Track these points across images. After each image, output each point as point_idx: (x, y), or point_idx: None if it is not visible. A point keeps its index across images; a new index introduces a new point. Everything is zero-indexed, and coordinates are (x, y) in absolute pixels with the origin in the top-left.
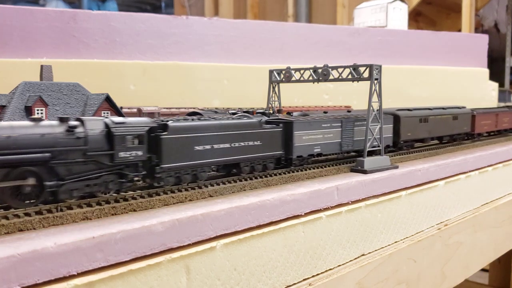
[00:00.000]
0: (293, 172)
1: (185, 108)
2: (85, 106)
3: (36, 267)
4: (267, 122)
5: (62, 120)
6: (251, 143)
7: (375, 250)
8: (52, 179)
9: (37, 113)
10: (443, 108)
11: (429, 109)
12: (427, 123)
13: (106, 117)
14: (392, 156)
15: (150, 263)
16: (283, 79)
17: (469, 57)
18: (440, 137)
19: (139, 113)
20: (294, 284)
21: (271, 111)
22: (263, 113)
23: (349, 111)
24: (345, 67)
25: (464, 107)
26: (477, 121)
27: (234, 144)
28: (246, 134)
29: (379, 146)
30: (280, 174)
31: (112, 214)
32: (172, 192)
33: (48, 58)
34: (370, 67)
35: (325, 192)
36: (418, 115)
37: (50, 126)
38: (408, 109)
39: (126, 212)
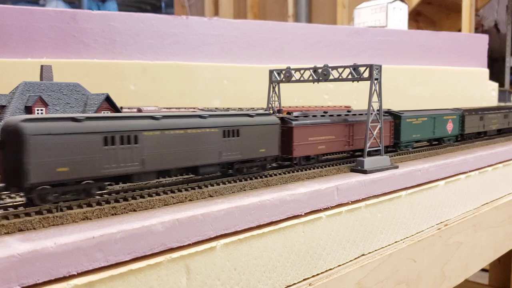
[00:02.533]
0: (293, 172)
1: (185, 108)
2: (85, 106)
3: (36, 267)
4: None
5: None
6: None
7: (375, 250)
8: None
9: (37, 113)
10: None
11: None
12: None
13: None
14: (392, 156)
15: (150, 263)
16: (283, 79)
17: (469, 57)
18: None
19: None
20: (294, 284)
21: (271, 111)
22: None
23: (349, 111)
24: (345, 67)
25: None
26: (295, 138)
27: None
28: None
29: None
30: (280, 174)
31: (112, 214)
32: (172, 192)
33: (48, 58)
34: (370, 67)
35: (325, 192)
36: None
37: None
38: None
39: (126, 212)
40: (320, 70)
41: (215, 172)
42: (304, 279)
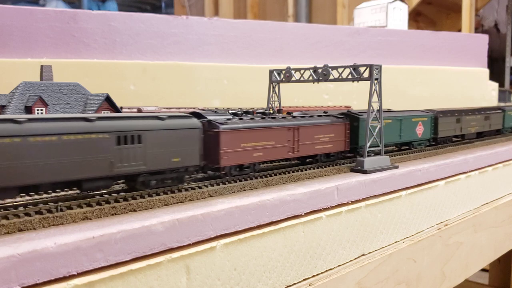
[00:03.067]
0: (293, 172)
1: (185, 108)
2: (85, 106)
3: (36, 267)
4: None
5: None
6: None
7: (375, 250)
8: None
9: (37, 113)
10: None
11: None
12: None
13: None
14: (392, 156)
15: (150, 263)
16: (283, 79)
17: (469, 57)
18: None
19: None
20: (294, 284)
21: (271, 111)
22: (263, 113)
23: (349, 111)
24: (345, 67)
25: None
26: (223, 144)
27: None
28: None
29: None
30: (280, 174)
31: (112, 214)
32: (172, 192)
33: (48, 58)
34: (370, 67)
35: (325, 192)
36: None
37: None
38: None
39: (126, 212)
40: (320, 70)
41: (107, 187)
42: (304, 279)
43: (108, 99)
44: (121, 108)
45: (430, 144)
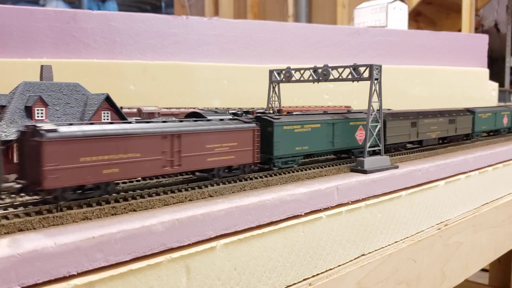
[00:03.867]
0: (293, 172)
1: (185, 108)
2: (85, 106)
3: (36, 267)
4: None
5: None
6: None
7: (375, 250)
8: None
9: (37, 113)
10: None
11: None
12: None
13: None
14: (392, 156)
15: (150, 263)
16: (283, 79)
17: (469, 57)
18: None
19: (139, 113)
20: (294, 284)
21: (271, 111)
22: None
23: (349, 111)
24: (345, 67)
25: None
26: (48, 159)
27: None
28: None
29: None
30: (280, 174)
31: (112, 214)
32: (172, 192)
33: (48, 58)
34: (370, 67)
35: (325, 192)
36: None
37: None
38: None
39: (126, 212)
40: (320, 70)
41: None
42: (304, 279)
43: (108, 99)
44: (121, 108)
45: (374, 152)
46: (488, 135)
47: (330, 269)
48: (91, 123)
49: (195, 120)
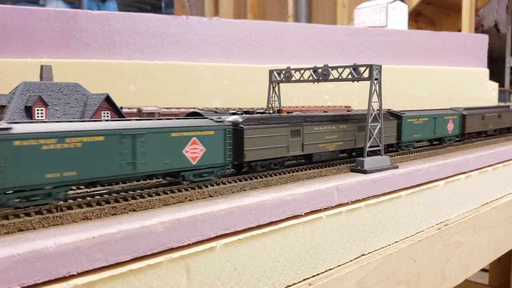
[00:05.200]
0: (293, 172)
1: (185, 108)
2: (85, 106)
3: (36, 267)
4: None
5: None
6: None
7: (375, 250)
8: None
9: (37, 113)
10: None
11: None
12: None
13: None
14: (392, 156)
15: (150, 263)
16: (283, 79)
17: (469, 57)
18: None
19: (139, 113)
20: (294, 284)
21: (271, 111)
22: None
23: (349, 111)
24: (345, 67)
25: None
26: None
27: None
28: None
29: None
30: (280, 174)
31: (112, 214)
32: (172, 192)
33: (48, 58)
34: (370, 67)
35: (325, 192)
36: None
37: None
38: None
39: (126, 212)
40: (320, 70)
41: None
42: (304, 279)
43: (108, 99)
44: (121, 108)
45: (233, 173)
46: (430, 145)
47: (330, 269)
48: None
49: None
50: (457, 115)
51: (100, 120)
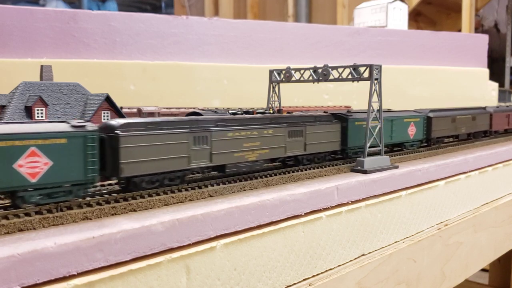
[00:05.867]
0: (293, 172)
1: (185, 108)
2: (85, 106)
3: (36, 267)
4: None
5: None
6: None
7: (375, 250)
8: None
9: (37, 113)
10: None
11: None
12: None
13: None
14: (392, 156)
15: (150, 263)
16: (283, 79)
17: (469, 57)
18: None
19: (139, 113)
20: (294, 284)
21: (271, 111)
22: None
23: (349, 111)
24: (345, 67)
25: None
26: None
27: None
28: None
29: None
30: (280, 174)
31: (112, 214)
32: (172, 192)
33: (48, 58)
34: (370, 67)
35: (325, 192)
36: None
37: None
38: None
39: (126, 212)
40: (320, 70)
41: None
42: (304, 279)
43: (108, 99)
44: (121, 108)
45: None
46: (391, 151)
47: (330, 269)
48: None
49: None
50: (421, 118)
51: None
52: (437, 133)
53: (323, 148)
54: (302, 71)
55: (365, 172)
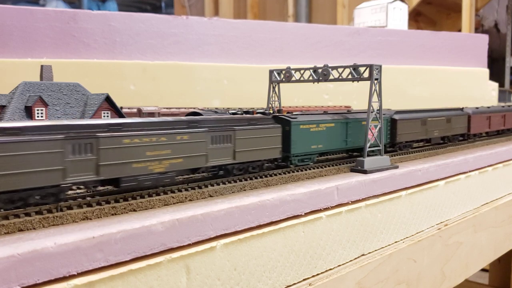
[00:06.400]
0: (293, 172)
1: (185, 108)
2: (85, 106)
3: (36, 267)
4: None
5: None
6: None
7: (375, 250)
8: None
9: (37, 113)
10: None
11: None
12: None
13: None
14: (392, 156)
15: (150, 263)
16: (283, 79)
17: (469, 57)
18: None
19: (139, 113)
20: (294, 284)
21: (271, 111)
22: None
23: (349, 111)
24: (345, 67)
25: None
26: None
27: None
28: None
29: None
30: (280, 174)
31: (112, 214)
32: (172, 192)
33: (48, 58)
34: (370, 67)
35: (325, 192)
36: None
37: None
38: None
39: (126, 212)
40: (320, 70)
41: None
42: (304, 279)
43: (108, 99)
44: (121, 108)
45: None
46: (349, 156)
47: (330, 269)
48: None
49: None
50: (387, 120)
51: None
52: (404, 137)
53: (258, 155)
54: (302, 71)
55: (365, 172)
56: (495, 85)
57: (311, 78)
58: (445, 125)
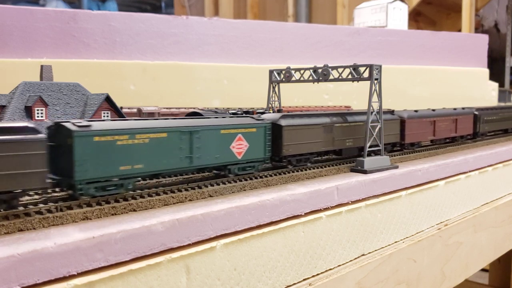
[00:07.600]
0: (293, 172)
1: (185, 108)
2: (85, 106)
3: (36, 267)
4: None
5: None
6: None
7: (375, 250)
8: None
9: (37, 113)
10: None
11: None
12: None
13: None
14: (392, 156)
15: (150, 263)
16: (283, 79)
17: (469, 57)
18: None
19: (139, 113)
20: (294, 284)
21: (271, 111)
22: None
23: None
24: (345, 67)
25: None
26: None
27: None
28: None
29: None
30: (280, 174)
31: (112, 214)
32: (172, 192)
33: (48, 58)
34: (370, 67)
35: (325, 192)
36: None
37: None
38: None
39: (126, 212)
40: (320, 70)
41: None
42: (304, 279)
43: (108, 99)
44: (121, 108)
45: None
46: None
47: (330, 269)
48: None
49: None
50: (261, 128)
51: None
52: (295, 149)
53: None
54: (302, 71)
55: (365, 172)
56: (495, 85)
57: (311, 78)
58: (363, 132)
